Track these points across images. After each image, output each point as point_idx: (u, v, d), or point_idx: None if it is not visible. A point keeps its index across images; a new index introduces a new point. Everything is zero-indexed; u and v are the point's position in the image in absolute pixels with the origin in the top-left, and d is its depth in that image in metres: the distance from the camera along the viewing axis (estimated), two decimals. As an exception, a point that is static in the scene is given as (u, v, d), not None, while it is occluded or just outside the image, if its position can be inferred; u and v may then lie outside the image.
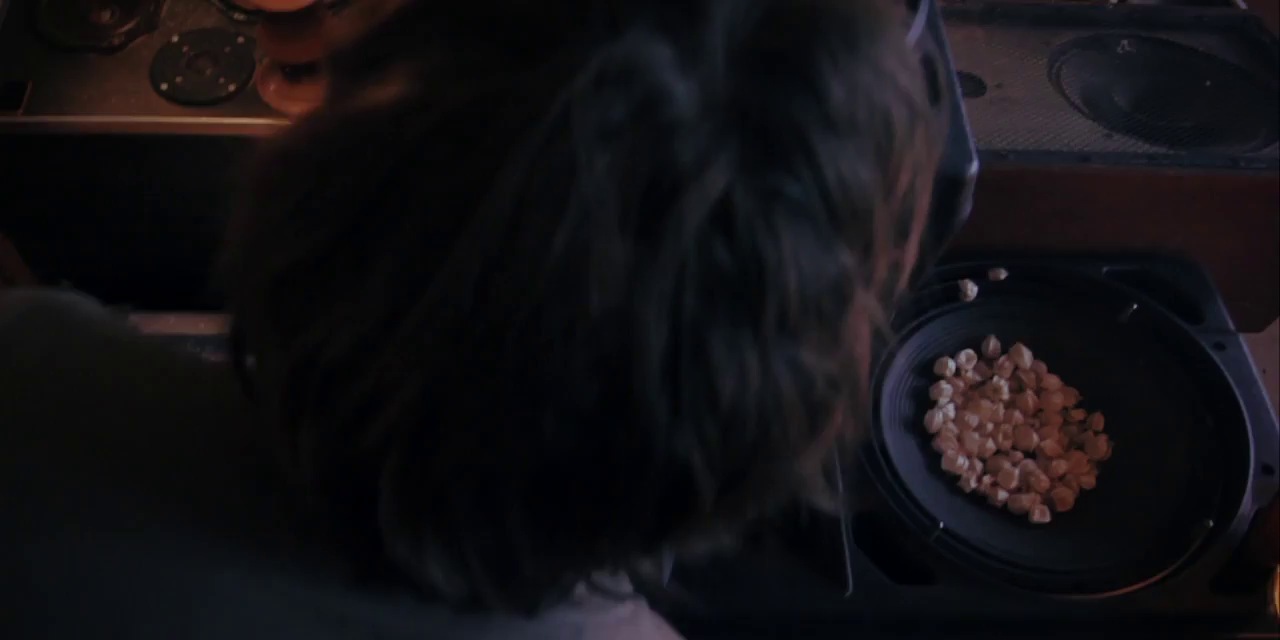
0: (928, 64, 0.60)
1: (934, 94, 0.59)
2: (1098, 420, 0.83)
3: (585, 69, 0.20)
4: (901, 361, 0.85)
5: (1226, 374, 0.81)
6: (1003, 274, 0.89)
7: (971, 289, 0.88)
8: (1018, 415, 0.84)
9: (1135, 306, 0.86)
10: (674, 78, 0.21)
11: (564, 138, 0.20)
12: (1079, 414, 0.84)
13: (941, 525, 0.73)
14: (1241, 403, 0.79)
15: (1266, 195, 0.86)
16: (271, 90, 0.66)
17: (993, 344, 0.87)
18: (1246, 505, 0.74)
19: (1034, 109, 0.93)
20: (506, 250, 0.20)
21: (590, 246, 0.20)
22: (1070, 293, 0.88)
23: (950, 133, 0.56)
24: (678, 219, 0.20)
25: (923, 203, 0.26)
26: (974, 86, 0.95)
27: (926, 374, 0.86)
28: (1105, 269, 0.89)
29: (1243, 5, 1.18)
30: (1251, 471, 0.76)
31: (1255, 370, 0.83)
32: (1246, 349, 0.84)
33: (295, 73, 0.64)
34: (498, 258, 0.20)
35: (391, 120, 0.22)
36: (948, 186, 0.55)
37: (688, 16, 0.22)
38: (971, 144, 0.55)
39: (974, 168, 0.55)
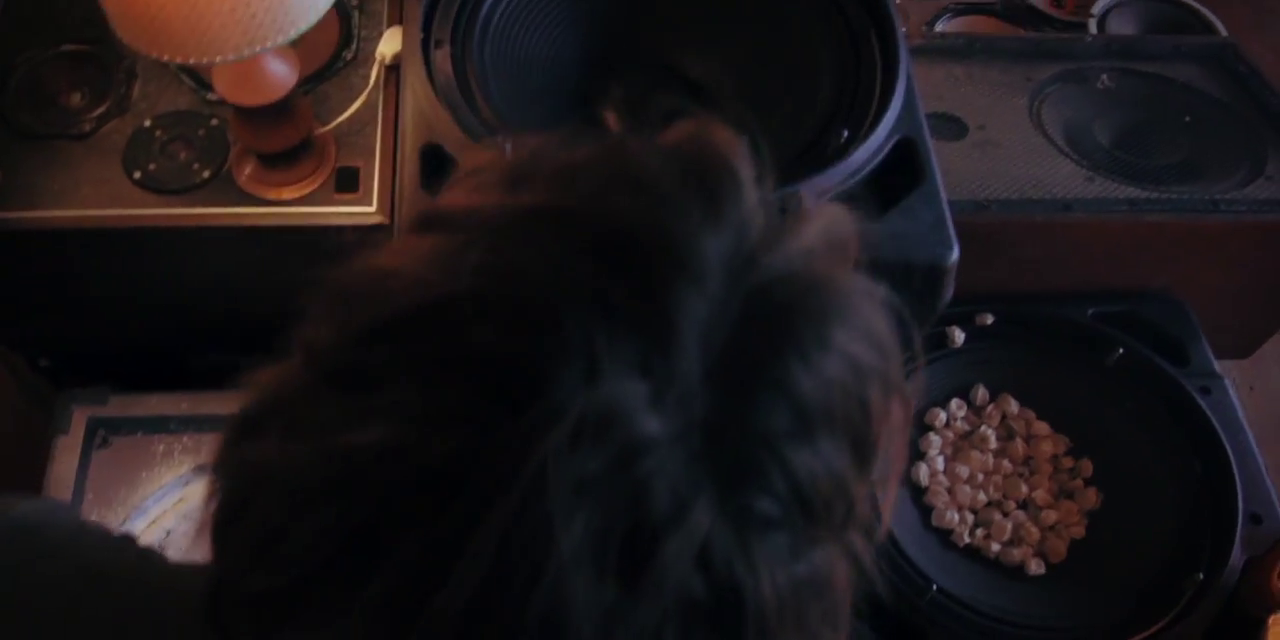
0: (907, 146, 0.60)
1: (912, 177, 0.58)
2: (1086, 466, 0.84)
3: (563, 421, 0.20)
4: (890, 412, 0.85)
5: (1213, 420, 0.81)
6: (989, 319, 0.89)
7: (959, 336, 0.88)
8: (1007, 464, 0.85)
9: (1121, 351, 0.86)
10: (649, 418, 0.21)
11: (540, 498, 0.20)
12: (1068, 461, 0.85)
13: (935, 587, 0.73)
14: (1229, 449, 0.80)
15: (1247, 236, 0.87)
16: (247, 175, 0.66)
17: (981, 392, 0.88)
18: (1236, 556, 0.75)
19: (1016, 152, 0.92)
20: (487, 604, 0.20)
21: (570, 599, 0.20)
22: (1057, 337, 0.88)
23: (930, 218, 0.56)
24: (659, 568, 0.20)
25: (899, 455, 0.26)
26: (956, 129, 0.95)
27: (915, 424, 0.86)
28: (1091, 311, 0.90)
29: (1223, 31, 1.18)
30: (1240, 521, 0.77)
31: (1241, 414, 0.84)
32: (1232, 392, 0.85)
33: (272, 159, 0.64)
34: (479, 609, 0.20)
35: (371, 464, 0.22)
36: (929, 274, 0.55)
37: (664, 347, 0.21)
38: (951, 231, 0.55)
39: (954, 256, 0.55)
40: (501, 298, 0.22)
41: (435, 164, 0.56)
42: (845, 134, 0.57)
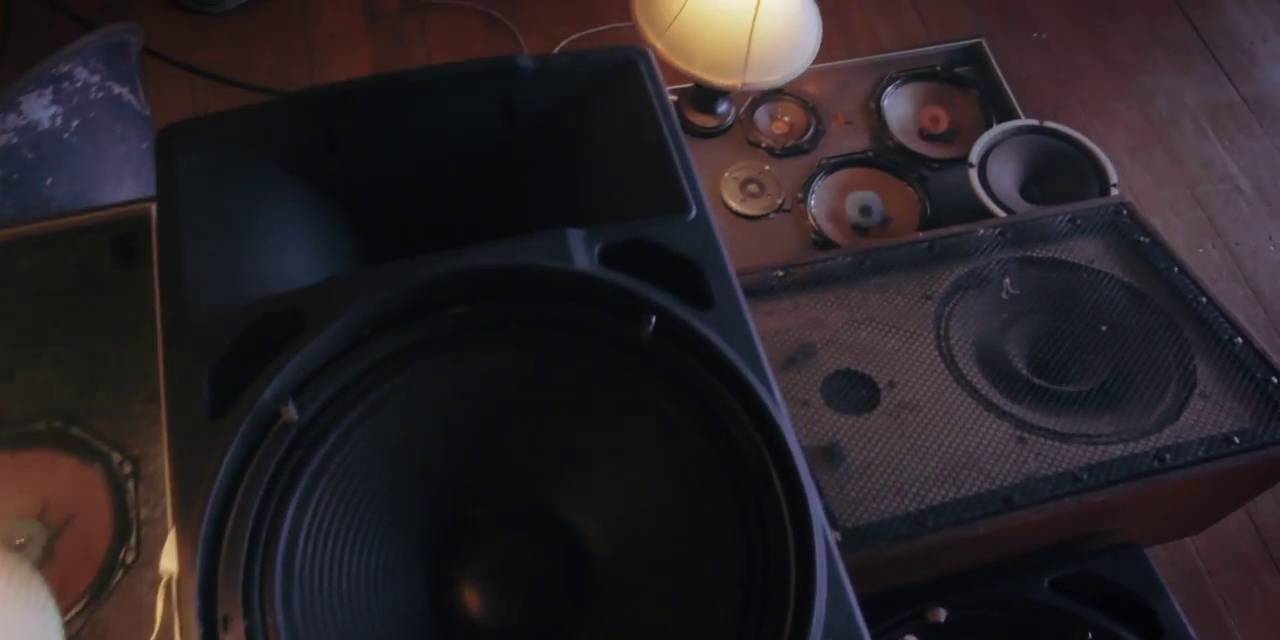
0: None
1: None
2: None
3: None
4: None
5: (1202, 714, 0.75)
6: (942, 615, 0.80)
7: (915, 645, 0.79)
8: None
9: (1091, 635, 0.78)
10: None
11: None
12: None
13: None
14: (1225, 751, 0.73)
15: (1194, 484, 0.80)
16: None
17: (951, 708, 0.79)
18: None
19: (935, 414, 0.83)
20: None
21: None
22: (1020, 623, 0.80)
23: None
24: None
25: None
26: (868, 395, 0.84)
27: (888, 760, 0.77)
28: (1047, 580, 0.82)
29: (1115, 191, 1.11)
30: None
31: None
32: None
33: None
34: None
35: None
36: None
37: None
38: None
39: None
40: None
41: None
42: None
